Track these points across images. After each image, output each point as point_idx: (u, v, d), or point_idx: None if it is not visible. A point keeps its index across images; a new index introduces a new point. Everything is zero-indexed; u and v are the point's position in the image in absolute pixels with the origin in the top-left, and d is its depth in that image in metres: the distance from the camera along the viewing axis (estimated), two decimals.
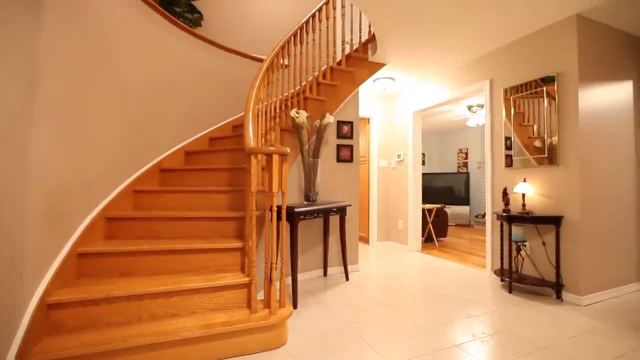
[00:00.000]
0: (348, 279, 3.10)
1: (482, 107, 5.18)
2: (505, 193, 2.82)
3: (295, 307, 2.38)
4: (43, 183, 1.59)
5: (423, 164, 8.16)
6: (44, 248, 1.61)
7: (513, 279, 2.67)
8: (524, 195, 2.75)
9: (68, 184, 1.80)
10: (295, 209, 2.43)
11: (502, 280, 2.95)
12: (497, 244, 3.12)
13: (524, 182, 2.79)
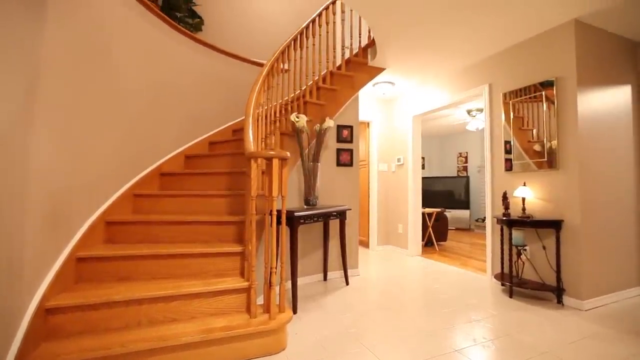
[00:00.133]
0: (348, 284, 3.09)
1: (481, 111, 5.20)
2: (505, 197, 2.82)
3: (295, 311, 2.37)
4: (43, 186, 1.58)
5: (423, 168, 8.17)
6: (44, 251, 1.61)
7: (514, 284, 2.66)
8: (524, 199, 2.75)
9: (68, 187, 1.80)
10: (295, 213, 2.43)
11: (502, 285, 2.94)
12: (497, 248, 3.11)
13: (524, 186, 2.80)
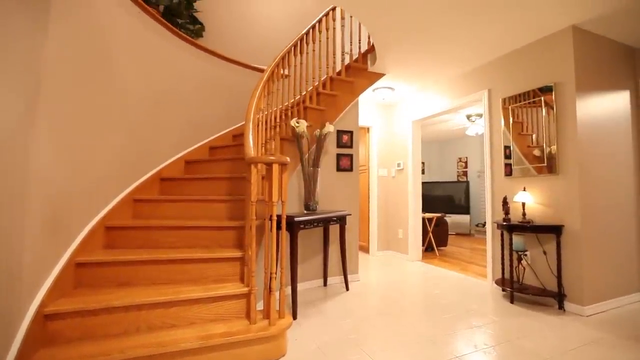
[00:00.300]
0: (348, 289, 3.08)
1: (481, 116, 5.22)
2: (505, 202, 2.82)
3: (295, 317, 2.35)
4: (43, 190, 1.58)
5: (423, 173, 8.17)
6: (43, 256, 1.60)
7: (514, 289, 2.65)
8: (524, 204, 2.75)
9: (68, 192, 1.80)
10: (295, 218, 2.43)
11: (503, 290, 2.93)
12: (497, 253, 3.10)
13: (524, 191, 2.80)
